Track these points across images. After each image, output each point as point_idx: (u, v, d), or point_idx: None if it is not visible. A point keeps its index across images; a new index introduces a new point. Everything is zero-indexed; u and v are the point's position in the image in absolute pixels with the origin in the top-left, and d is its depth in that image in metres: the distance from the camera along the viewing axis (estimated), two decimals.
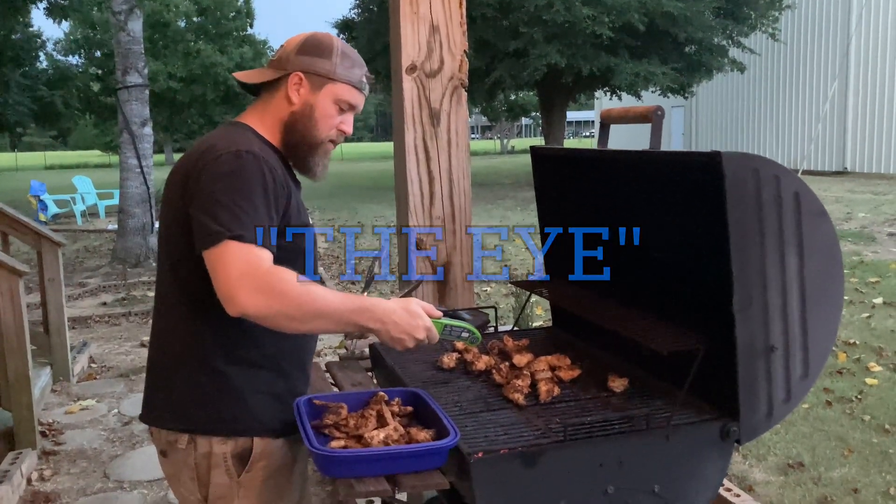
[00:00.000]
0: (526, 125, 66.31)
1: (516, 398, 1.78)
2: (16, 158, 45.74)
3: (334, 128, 1.70)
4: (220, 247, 1.43)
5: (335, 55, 1.67)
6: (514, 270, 8.79)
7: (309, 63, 1.65)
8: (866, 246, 9.35)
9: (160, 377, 1.65)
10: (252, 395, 1.61)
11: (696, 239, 1.75)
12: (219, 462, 1.60)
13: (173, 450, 1.62)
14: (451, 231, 2.74)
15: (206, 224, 1.45)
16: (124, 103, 9.57)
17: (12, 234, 5.16)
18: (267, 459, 1.63)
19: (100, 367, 5.68)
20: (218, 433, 1.59)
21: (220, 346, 1.58)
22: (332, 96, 1.67)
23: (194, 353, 1.59)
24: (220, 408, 1.59)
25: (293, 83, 1.65)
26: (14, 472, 3.59)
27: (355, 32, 21.31)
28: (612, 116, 2.09)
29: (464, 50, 2.71)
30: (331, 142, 1.71)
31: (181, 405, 1.60)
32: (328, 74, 1.66)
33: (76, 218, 15.64)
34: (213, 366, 1.58)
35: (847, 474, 3.56)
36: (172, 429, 1.61)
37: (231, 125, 1.69)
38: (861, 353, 5.30)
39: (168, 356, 1.63)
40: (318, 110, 1.66)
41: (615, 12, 15.84)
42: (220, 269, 1.43)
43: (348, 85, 1.68)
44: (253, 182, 1.50)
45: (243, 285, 1.41)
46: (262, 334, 1.57)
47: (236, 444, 1.60)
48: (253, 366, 1.61)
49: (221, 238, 1.43)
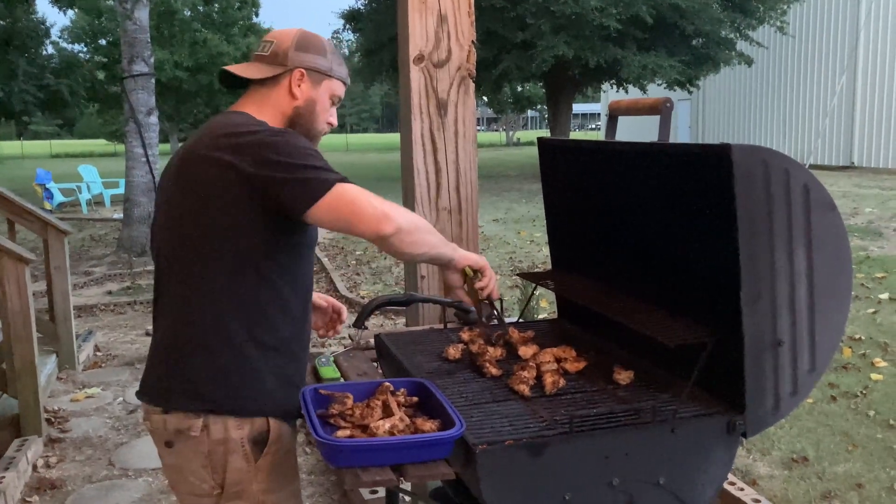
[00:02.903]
0: (532, 117, 66.17)
1: (522, 389, 1.78)
2: (21, 147, 45.85)
3: (326, 121, 1.81)
4: (335, 190, 1.52)
5: (330, 53, 1.78)
6: (519, 262, 8.79)
7: (310, 60, 1.75)
8: (873, 241, 9.32)
9: (173, 359, 1.63)
10: (269, 377, 1.64)
11: (704, 231, 1.74)
12: (236, 447, 1.61)
13: (183, 438, 1.61)
14: (457, 222, 2.74)
15: (306, 182, 1.52)
16: (130, 92, 9.57)
17: (19, 223, 5.17)
18: (279, 443, 1.67)
19: (105, 356, 5.70)
20: (236, 413, 1.61)
21: (243, 327, 1.60)
22: (328, 91, 1.78)
23: (217, 333, 1.60)
24: (239, 387, 1.61)
25: (296, 79, 1.73)
26: (20, 458, 3.62)
27: (361, 23, 21.27)
28: (620, 108, 2.07)
29: (472, 40, 2.70)
30: (323, 134, 1.83)
31: (198, 385, 1.60)
32: (327, 71, 1.77)
33: (82, 207, 15.69)
34: (236, 346, 1.60)
35: (851, 469, 3.55)
36: (188, 410, 1.60)
37: (237, 114, 1.71)
38: (867, 348, 5.29)
39: (185, 337, 1.62)
40: (318, 104, 1.77)
41: (623, 4, 15.76)
42: (353, 203, 1.53)
43: (340, 81, 1.81)
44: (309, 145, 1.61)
45: (383, 207, 1.54)
46: (278, 317, 1.64)
47: (252, 426, 1.62)
48: (270, 348, 1.64)
49: (331, 184, 1.52)
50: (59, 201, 15.73)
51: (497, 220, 12.36)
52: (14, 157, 40.24)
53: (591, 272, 2.28)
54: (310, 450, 3.85)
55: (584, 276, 2.31)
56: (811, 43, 21.28)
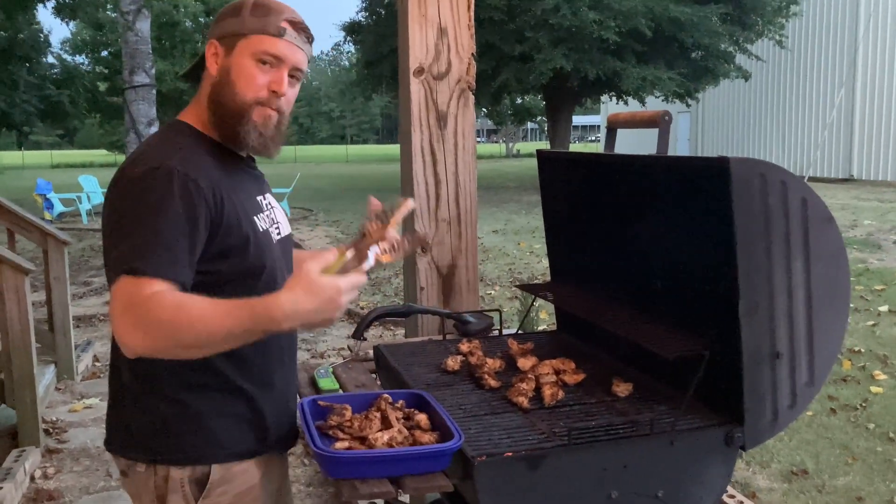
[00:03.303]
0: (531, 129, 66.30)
1: (521, 401, 1.78)
2: (22, 157, 45.93)
3: (263, 88, 1.50)
4: (116, 283, 1.33)
5: (245, 9, 1.50)
6: (518, 274, 8.79)
7: (221, 27, 1.52)
8: (872, 253, 9.33)
9: (116, 407, 1.59)
10: (212, 420, 1.53)
11: (703, 244, 1.74)
12: (176, 487, 1.53)
13: (133, 472, 1.56)
14: (456, 234, 2.74)
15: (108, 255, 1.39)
16: (131, 103, 9.61)
17: (18, 233, 5.18)
18: (227, 484, 1.55)
19: (104, 366, 5.69)
20: (178, 462, 1.52)
21: (174, 373, 1.49)
22: (247, 52, 1.49)
23: (150, 382, 1.51)
24: (179, 436, 1.52)
25: (210, 54, 1.52)
26: (18, 469, 3.60)
27: (362, 35, 21.36)
28: (619, 121, 2.09)
29: (472, 53, 2.71)
30: (262, 105, 1.50)
31: (139, 435, 1.54)
32: (238, 30, 1.49)
33: (82, 217, 15.68)
34: (170, 394, 1.51)
35: (851, 482, 3.55)
36: (132, 459, 1.55)
37: (167, 127, 1.59)
38: (866, 360, 5.28)
39: (123, 386, 1.56)
40: (233, 71, 1.49)
41: (622, 17, 15.84)
42: (111, 310, 1.32)
43: (263, 35, 1.48)
44: (163, 202, 1.37)
45: (124, 323, 1.30)
46: (214, 358, 1.46)
47: (194, 470, 1.53)
48: (210, 390, 1.52)
49: (118, 273, 1.33)
50: (60, 211, 15.73)
51: (496, 232, 12.37)
52: (15, 167, 40.28)
53: (591, 284, 2.29)
54: (307, 461, 3.84)
55: (584, 287, 2.31)
56: (810, 56, 21.38)
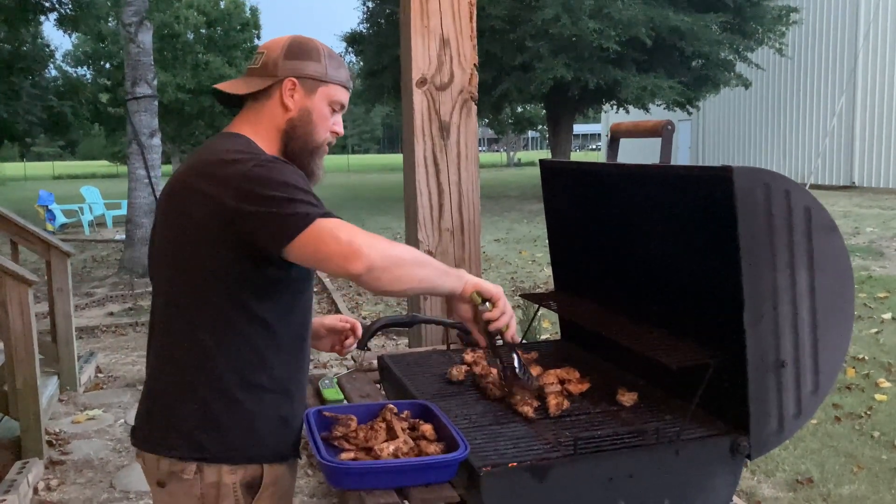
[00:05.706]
0: (532, 138, 66.42)
1: (526, 411, 1.77)
2: (24, 168, 46.07)
3: (329, 130, 1.69)
4: (314, 226, 1.41)
5: (324, 57, 1.65)
6: (520, 283, 8.79)
7: (301, 67, 1.63)
8: (875, 261, 9.32)
9: (165, 403, 1.58)
10: (262, 421, 1.57)
11: (706, 253, 1.75)
12: (228, 493, 1.54)
13: (175, 480, 1.54)
14: (459, 243, 2.75)
15: (286, 216, 1.42)
16: (133, 114, 9.64)
17: (21, 244, 5.19)
18: (274, 486, 1.60)
19: (106, 377, 5.69)
20: (230, 461, 1.54)
21: (234, 371, 1.53)
22: (326, 98, 1.66)
23: (208, 378, 1.53)
24: (232, 435, 1.54)
25: (287, 89, 1.62)
26: (21, 481, 3.60)
27: (363, 46, 21.43)
28: (621, 130, 2.09)
29: (474, 63, 2.72)
30: (328, 144, 1.71)
31: (191, 432, 1.53)
32: (321, 77, 1.64)
33: (84, 228, 15.72)
34: (227, 391, 1.53)
35: (856, 491, 3.53)
36: (180, 458, 1.54)
37: (230, 136, 1.63)
38: (870, 368, 5.27)
39: (176, 382, 1.56)
40: (315, 114, 1.65)
41: (622, 26, 15.89)
42: (329, 240, 1.41)
43: (339, 85, 1.67)
44: (297, 175, 1.50)
45: (359, 242, 1.41)
46: (272, 357, 1.56)
47: (245, 472, 1.55)
48: (264, 390, 1.57)
49: (312, 219, 1.41)
50: (62, 222, 15.77)
51: (499, 240, 12.38)
52: (17, 178, 40.39)
53: (594, 293, 2.29)
54: (311, 472, 3.83)
55: (587, 297, 2.31)
56: (810, 64, 21.42)
